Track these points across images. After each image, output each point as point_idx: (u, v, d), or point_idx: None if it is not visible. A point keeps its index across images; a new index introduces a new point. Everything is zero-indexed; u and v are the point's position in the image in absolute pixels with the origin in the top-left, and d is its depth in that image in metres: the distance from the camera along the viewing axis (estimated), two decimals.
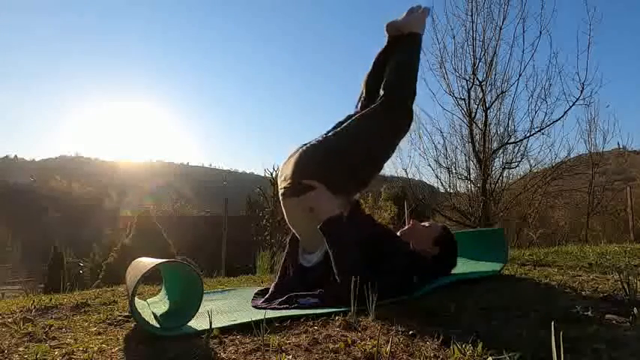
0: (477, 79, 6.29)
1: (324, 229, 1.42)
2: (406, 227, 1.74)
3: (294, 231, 1.63)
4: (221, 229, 6.99)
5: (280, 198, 1.60)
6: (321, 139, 1.62)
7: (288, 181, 1.53)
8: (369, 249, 1.42)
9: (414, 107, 1.71)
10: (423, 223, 1.75)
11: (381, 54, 1.81)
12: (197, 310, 1.13)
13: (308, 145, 1.59)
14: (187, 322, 1.12)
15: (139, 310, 1.11)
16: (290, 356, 0.86)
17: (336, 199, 1.49)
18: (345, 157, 1.53)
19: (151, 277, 1.10)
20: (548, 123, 6.01)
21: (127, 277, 1.30)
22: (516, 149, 6.46)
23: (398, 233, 1.71)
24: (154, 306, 1.39)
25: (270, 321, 1.06)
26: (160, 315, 1.25)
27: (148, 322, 1.10)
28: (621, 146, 9.25)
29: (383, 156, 1.67)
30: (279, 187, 1.61)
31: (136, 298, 1.11)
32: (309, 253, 1.55)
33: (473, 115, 6.40)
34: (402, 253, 1.52)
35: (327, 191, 1.47)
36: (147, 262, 1.21)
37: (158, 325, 1.12)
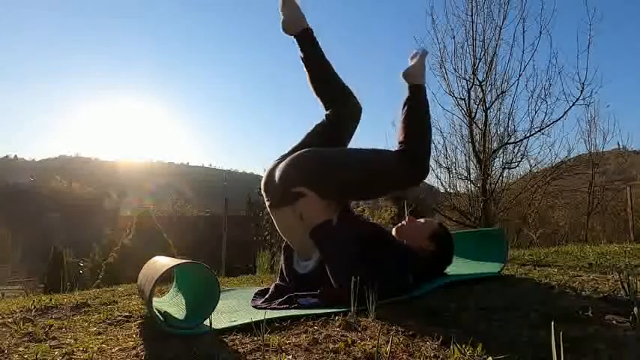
0: (477, 79, 6.28)
1: (313, 235, 1.42)
2: (401, 224, 1.74)
3: (286, 240, 1.61)
4: (221, 229, 7.00)
5: (268, 208, 1.59)
6: (315, 149, 1.58)
7: (277, 190, 1.52)
8: (362, 250, 1.41)
9: None
10: (418, 220, 1.75)
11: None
12: (212, 311, 1.10)
13: (298, 154, 1.55)
14: (201, 322, 1.10)
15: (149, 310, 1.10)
16: (290, 356, 0.86)
17: (326, 205, 1.48)
18: (340, 175, 1.50)
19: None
20: (548, 123, 6.00)
21: (142, 276, 1.29)
22: (516, 149, 6.44)
23: (393, 230, 1.71)
24: (160, 304, 1.38)
25: (270, 321, 1.06)
26: (169, 315, 1.24)
27: (164, 322, 1.09)
28: (621, 146, 9.24)
29: (381, 193, 1.67)
30: (266, 197, 1.59)
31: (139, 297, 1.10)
32: (304, 259, 1.54)
33: (473, 115, 6.39)
34: (394, 251, 1.51)
35: (317, 198, 1.46)
36: (164, 263, 1.19)
37: (167, 325, 1.11)
